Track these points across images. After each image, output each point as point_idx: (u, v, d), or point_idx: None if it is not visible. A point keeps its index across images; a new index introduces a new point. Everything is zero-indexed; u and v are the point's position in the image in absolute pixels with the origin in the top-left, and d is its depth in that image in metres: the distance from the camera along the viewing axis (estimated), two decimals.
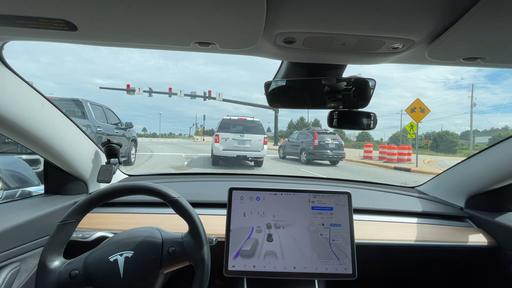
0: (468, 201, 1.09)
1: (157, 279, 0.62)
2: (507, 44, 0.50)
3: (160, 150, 14.32)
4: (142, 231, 0.68)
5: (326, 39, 0.53)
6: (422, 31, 0.49)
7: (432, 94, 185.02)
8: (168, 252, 0.63)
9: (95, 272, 0.60)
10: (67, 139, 0.88)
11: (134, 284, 0.61)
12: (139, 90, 20.06)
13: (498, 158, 0.94)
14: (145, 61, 26.10)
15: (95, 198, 0.64)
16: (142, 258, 0.62)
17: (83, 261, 0.62)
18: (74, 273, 0.59)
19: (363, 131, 31.10)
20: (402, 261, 1.00)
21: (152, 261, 0.62)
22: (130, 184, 0.66)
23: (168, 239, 0.65)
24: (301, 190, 0.84)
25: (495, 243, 0.95)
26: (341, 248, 0.80)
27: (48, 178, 0.98)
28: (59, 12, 0.44)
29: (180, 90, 20.67)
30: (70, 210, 0.63)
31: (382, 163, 11.03)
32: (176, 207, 0.66)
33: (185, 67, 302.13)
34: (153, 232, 0.67)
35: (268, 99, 0.76)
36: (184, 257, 0.64)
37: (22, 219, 0.75)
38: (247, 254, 0.79)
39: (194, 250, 0.64)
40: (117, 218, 0.94)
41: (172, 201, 0.66)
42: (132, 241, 0.65)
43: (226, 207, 0.82)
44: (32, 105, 0.73)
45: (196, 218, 0.66)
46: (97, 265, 0.61)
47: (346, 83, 0.73)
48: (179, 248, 0.64)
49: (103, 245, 0.66)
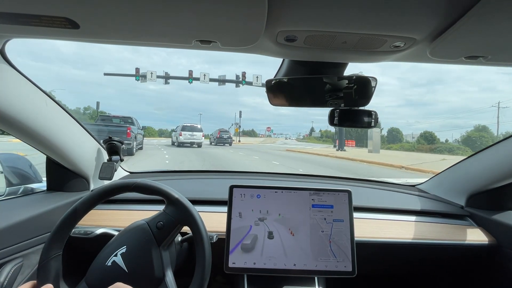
0: (469, 199, 1.09)
1: (161, 257, 0.63)
2: (509, 42, 0.49)
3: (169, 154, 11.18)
4: (126, 228, 0.69)
5: (327, 37, 0.53)
6: (424, 30, 0.49)
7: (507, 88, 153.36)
8: (157, 227, 0.65)
9: (101, 284, 0.59)
10: (69, 137, 0.89)
11: (142, 270, 0.61)
12: (152, 76, 15.87)
13: (499, 157, 0.94)
14: (196, 63, 26.02)
15: (68, 219, 0.62)
16: (136, 246, 0.63)
17: (84, 283, 0.61)
18: None
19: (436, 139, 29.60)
20: (402, 259, 1.01)
21: (148, 243, 0.64)
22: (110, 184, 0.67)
23: (152, 218, 0.67)
24: (302, 188, 0.84)
25: (495, 242, 0.95)
26: (341, 246, 0.80)
27: (50, 175, 0.99)
28: (61, 10, 0.44)
29: (204, 74, 16.12)
30: (44, 247, 0.60)
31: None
32: (142, 190, 0.66)
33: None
34: (136, 222, 0.69)
35: (269, 97, 0.76)
36: (174, 223, 0.65)
37: (25, 215, 0.75)
38: (247, 248, 0.79)
39: (179, 213, 0.65)
40: (119, 215, 0.95)
41: (135, 187, 0.66)
42: (119, 240, 0.66)
43: (226, 204, 0.83)
44: (34, 102, 0.74)
45: (164, 187, 0.67)
46: (99, 277, 0.61)
47: (347, 81, 0.72)
48: (165, 218, 0.66)
49: (95, 259, 0.65)
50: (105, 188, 0.66)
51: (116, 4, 0.42)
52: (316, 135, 61.25)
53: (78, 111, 40.39)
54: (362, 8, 0.43)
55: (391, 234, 0.94)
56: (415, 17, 0.46)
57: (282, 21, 0.48)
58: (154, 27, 0.49)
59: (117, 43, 0.58)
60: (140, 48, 32.14)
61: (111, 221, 0.91)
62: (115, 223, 0.90)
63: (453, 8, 0.43)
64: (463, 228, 1.01)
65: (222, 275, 1.22)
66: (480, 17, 0.42)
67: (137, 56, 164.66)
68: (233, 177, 1.40)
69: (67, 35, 0.54)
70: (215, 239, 0.79)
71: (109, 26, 0.49)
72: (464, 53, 0.55)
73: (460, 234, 0.98)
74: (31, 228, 0.76)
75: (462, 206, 1.10)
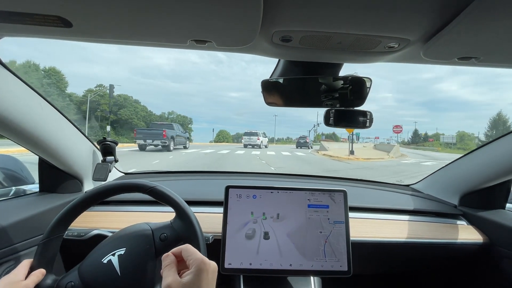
0: (462, 199, 1.10)
1: (155, 269, 0.62)
2: (501, 44, 0.50)
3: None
4: (130, 228, 0.68)
5: (322, 38, 0.53)
6: (417, 31, 0.50)
7: None
8: (160, 239, 0.63)
9: (91, 279, 0.59)
10: (62, 137, 0.87)
11: (134, 278, 0.60)
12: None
13: (491, 157, 0.95)
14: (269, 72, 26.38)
15: (75, 206, 0.63)
16: (135, 252, 0.62)
17: (77, 272, 0.61)
18: (70, 285, 0.58)
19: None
20: (397, 258, 1.02)
21: (147, 252, 0.62)
22: (102, 186, 0.66)
23: (158, 227, 0.66)
24: (298, 188, 0.85)
25: (487, 240, 0.97)
26: (337, 246, 0.81)
27: (43, 177, 0.97)
28: (53, 8, 0.43)
29: None
30: (50, 225, 0.61)
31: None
32: (157, 196, 0.66)
33: None
34: (141, 226, 0.67)
35: (265, 97, 0.76)
36: (177, 239, 0.64)
37: (17, 217, 0.74)
38: (250, 233, 0.80)
39: (185, 230, 0.64)
40: (113, 217, 0.94)
41: (151, 191, 0.65)
42: (122, 239, 0.64)
43: (222, 205, 0.82)
44: (26, 103, 0.73)
45: (179, 200, 0.66)
46: (92, 271, 0.60)
47: (343, 81, 0.73)
48: (170, 232, 0.64)
49: (93, 252, 0.65)
50: (122, 184, 0.66)
51: (110, 3, 0.42)
52: (447, 139, 41.98)
53: (163, 116, 48.51)
54: (357, 9, 0.44)
55: (386, 234, 0.95)
56: (409, 18, 0.46)
57: (278, 21, 0.48)
58: (148, 26, 0.49)
59: (111, 42, 0.57)
60: (222, 59, 30.94)
61: (105, 223, 0.90)
62: (109, 224, 0.89)
63: (446, 10, 0.44)
64: (456, 227, 1.02)
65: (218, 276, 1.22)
66: (472, 19, 0.43)
67: (220, 67, 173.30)
68: (229, 178, 1.39)
69: (60, 34, 0.53)
70: (211, 240, 0.79)
71: (102, 25, 0.49)
72: (457, 54, 0.55)
73: (453, 233, 0.99)
74: (23, 231, 0.75)
75: (456, 205, 1.12)
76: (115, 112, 34.80)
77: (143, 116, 38.16)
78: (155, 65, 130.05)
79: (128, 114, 35.71)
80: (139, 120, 36.69)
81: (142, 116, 37.99)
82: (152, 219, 0.92)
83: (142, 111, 38.76)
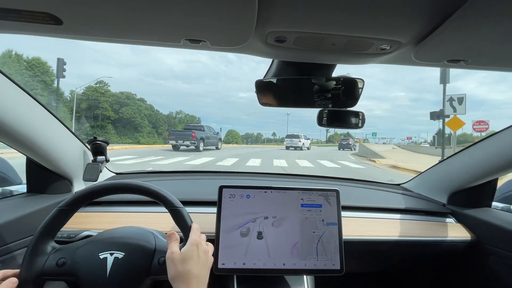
0: (450, 197, 1.13)
1: (141, 286, 0.61)
2: (488, 47, 0.52)
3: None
4: (136, 233, 0.66)
5: (316, 39, 0.54)
6: (409, 33, 0.51)
7: None
8: (159, 262, 0.61)
9: (82, 266, 0.58)
10: (50, 136, 0.85)
11: (118, 286, 0.59)
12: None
13: (478, 157, 0.98)
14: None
15: (95, 191, 0.63)
16: (131, 262, 0.61)
17: (74, 251, 0.60)
18: (61, 261, 0.58)
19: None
20: (388, 256, 1.03)
21: (141, 268, 0.61)
22: (133, 183, 0.64)
23: (161, 249, 0.63)
24: (291, 188, 0.85)
25: (474, 238, 1.00)
26: (329, 245, 0.82)
27: (31, 177, 0.94)
28: (42, 4, 0.42)
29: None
30: (70, 198, 0.61)
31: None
32: (176, 216, 0.64)
33: None
34: (148, 237, 0.65)
35: (259, 97, 0.76)
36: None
37: (3, 219, 0.72)
38: (244, 233, 0.80)
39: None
40: (104, 217, 0.92)
41: (174, 210, 0.64)
42: (125, 242, 0.63)
43: (216, 205, 0.82)
44: (12, 101, 0.70)
45: (191, 222, 0.65)
46: (86, 258, 0.59)
47: (335, 82, 0.74)
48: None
49: (95, 238, 0.64)
50: (141, 185, 0.64)
51: (100, 0, 0.41)
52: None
53: (171, 115, 46.84)
54: (351, 11, 0.44)
55: (377, 232, 0.97)
56: (400, 21, 0.47)
57: (272, 21, 0.48)
58: (141, 24, 0.48)
59: (102, 40, 0.56)
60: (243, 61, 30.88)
61: (96, 224, 0.88)
62: (100, 225, 0.87)
63: (436, 13, 0.45)
64: (445, 225, 1.05)
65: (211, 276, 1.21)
66: (461, 23, 0.44)
67: (229, 68, 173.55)
68: (223, 178, 1.39)
69: (49, 31, 0.52)
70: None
71: (93, 23, 0.48)
72: (446, 56, 0.57)
73: (442, 231, 1.01)
74: (10, 233, 0.73)
75: (444, 204, 1.15)
76: (117, 110, 33.66)
77: (147, 115, 36.95)
78: (168, 67, 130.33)
79: (131, 113, 34.46)
80: (142, 119, 35.50)
81: (146, 115, 36.77)
82: (142, 220, 0.92)
83: (147, 110, 37.51)
